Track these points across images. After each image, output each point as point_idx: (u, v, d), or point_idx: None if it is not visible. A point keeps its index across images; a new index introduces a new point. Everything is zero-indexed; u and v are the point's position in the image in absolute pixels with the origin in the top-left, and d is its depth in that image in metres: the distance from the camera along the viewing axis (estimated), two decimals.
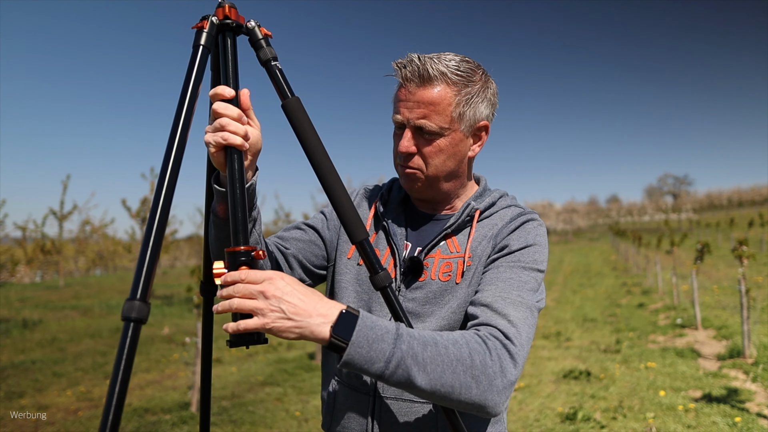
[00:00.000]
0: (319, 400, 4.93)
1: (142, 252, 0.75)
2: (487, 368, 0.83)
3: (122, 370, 0.69)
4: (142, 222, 14.02)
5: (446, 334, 0.86)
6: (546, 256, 1.05)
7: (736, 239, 6.31)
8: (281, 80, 0.94)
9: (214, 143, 0.89)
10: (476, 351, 0.84)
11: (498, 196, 1.14)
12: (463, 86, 1.03)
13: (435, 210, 1.15)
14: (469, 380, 0.81)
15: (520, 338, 0.89)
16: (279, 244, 1.17)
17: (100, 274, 28.31)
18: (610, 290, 12.45)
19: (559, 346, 6.83)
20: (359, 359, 0.79)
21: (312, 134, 0.93)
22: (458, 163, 1.08)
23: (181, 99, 0.85)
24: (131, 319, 0.71)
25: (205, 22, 0.91)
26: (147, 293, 0.73)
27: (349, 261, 1.15)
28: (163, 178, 0.80)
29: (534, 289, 0.99)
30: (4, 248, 17.61)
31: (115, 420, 0.66)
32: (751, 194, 73.22)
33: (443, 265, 1.06)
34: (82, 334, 8.87)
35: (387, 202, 1.20)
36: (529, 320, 0.94)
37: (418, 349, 0.81)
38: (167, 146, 0.82)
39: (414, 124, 1.03)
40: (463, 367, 0.82)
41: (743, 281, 5.56)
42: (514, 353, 0.87)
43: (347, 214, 0.92)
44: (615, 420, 4.04)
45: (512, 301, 0.94)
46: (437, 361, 0.81)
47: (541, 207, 66.73)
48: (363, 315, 0.81)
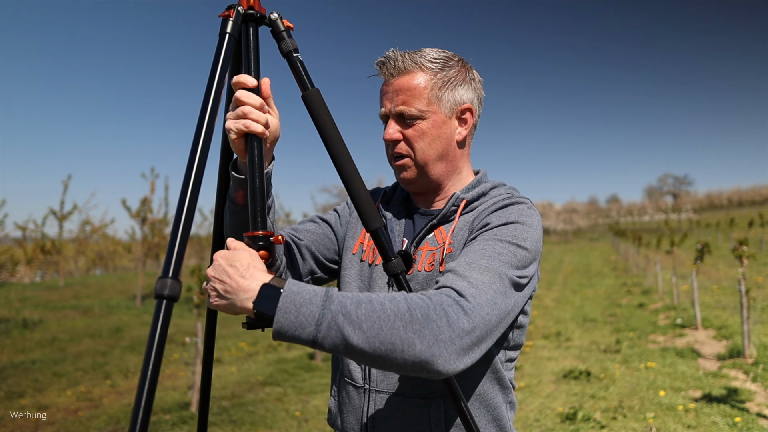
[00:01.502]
0: (318, 400, 4.94)
1: (173, 231, 0.76)
2: (430, 321, 0.76)
3: (155, 348, 0.69)
4: (142, 222, 14.00)
5: (384, 293, 0.81)
6: (534, 237, 0.98)
7: (736, 239, 6.31)
8: (302, 72, 0.97)
9: (235, 130, 0.91)
10: (417, 305, 0.78)
11: (490, 187, 1.13)
12: (438, 70, 1.08)
13: (430, 204, 1.17)
14: (411, 335, 0.75)
15: (478, 298, 0.82)
16: (292, 235, 1.20)
17: (100, 274, 28.30)
18: (610, 290, 12.45)
19: (559, 346, 6.83)
20: (288, 326, 0.75)
21: (331, 125, 0.95)
22: (445, 146, 1.10)
23: (208, 86, 0.86)
24: (164, 296, 0.72)
25: (232, 11, 0.93)
26: (179, 271, 0.74)
27: (353, 256, 1.18)
28: (193, 158, 0.81)
29: (511, 262, 0.91)
30: (4, 248, 17.61)
31: (149, 398, 0.67)
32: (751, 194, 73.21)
33: (429, 256, 1.07)
34: (82, 334, 8.87)
35: (390, 200, 1.23)
36: (496, 285, 0.86)
37: (351, 307, 0.76)
38: (196, 128, 0.84)
39: (395, 111, 1.08)
40: (402, 322, 0.76)
41: (743, 281, 5.56)
42: (466, 307, 0.79)
43: (364, 203, 0.93)
44: (615, 420, 4.04)
45: (478, 266, 0.88)
46: (372, 318, 0.76)
47: (541, 207, 66.73)
48: (289, 282, 0.79)
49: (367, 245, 1.16)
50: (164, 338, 0.71)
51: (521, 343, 1.12)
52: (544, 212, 64.06)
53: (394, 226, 1.16)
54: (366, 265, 1.15)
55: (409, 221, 1.17)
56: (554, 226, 61.82)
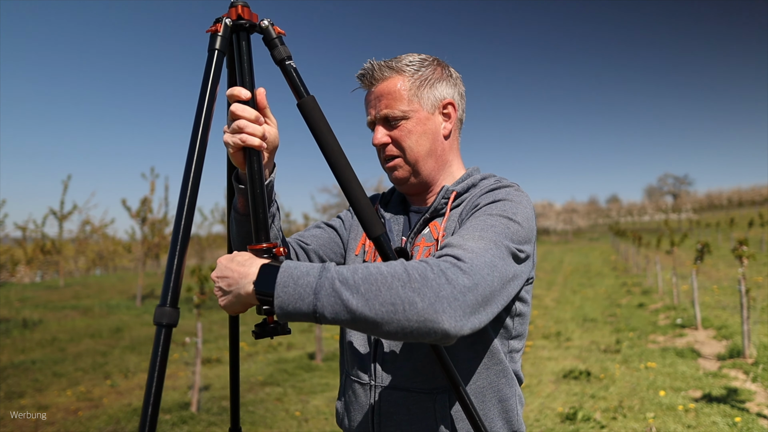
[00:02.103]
0: (318, 400, 4.95)
1: (170, 259, 0.79)
2: (428, 280, 0.75)
3: (157, 372, 0.74)
4: (142, 222, 14.00)
5: (380, 262, 0.82)
6: (524, 213, 0.97)
7: (736, 239, 6.31)
8: (296, 79, 0.96)
9: (232, 144, 0.92)
10: (413, 267, 0.77)
11: (480, 178, 1.14)
12: (415, 71, 1.11)
13: (425, 202, 1.19)
14: (411, 294, 0.74)
15: (476, 260, 0.80)
16: (299, 241, 1.23)
17: (100, 274, 28.31)
18: (610, 290, 12.45)
19: (559, 346, 6.83)
20: (288, 299, 0.76)
21: (328, 132, 0.95)
22: (432, 141, 1.12)
23: (199, 103, 0.87)
24: (163, 324, 0.76)
25: (219, 26, 0.92)
26: (177, 299, 0.78)
27: (356, 257, 1.20)
28: (187, 182, 0.82)
29: (504, 233, 0.90)
30: (4, 248, 17.60)
31: (153, 419, 0.72)
32: (751, 194, 73.15)
33: (427, 252, 1.08)
34: (82, 334, 8.87)
35: (389, 202, 1.27)
36: (493, 251, 0.85)
37: (347, 274, 0.76)
38: (189, 150, 0.84)
39: (380, 116, 1.11)
40: (400, 282, 0.74)
41: (743, 281, 5.56)
42: (464, 267, 0.78)
43: (364, 210, 0.93)
44: (615, 420, 4.04)
45: (472, 236, 0.87)
46: (370, 281, 0.75)
47: (541, 207, 66.72)
48: (287, 261, 0.81)
49: (369, 246, 1.18)
50: (165, 362, 0.75)
51: (523, 333, 1.11)
52: (544, 212, 64.03)
53: (392, 225, 1.19)
54: None
55: (406, 219, 1.19)
56: (554, 226, 61.78)
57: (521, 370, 1.14)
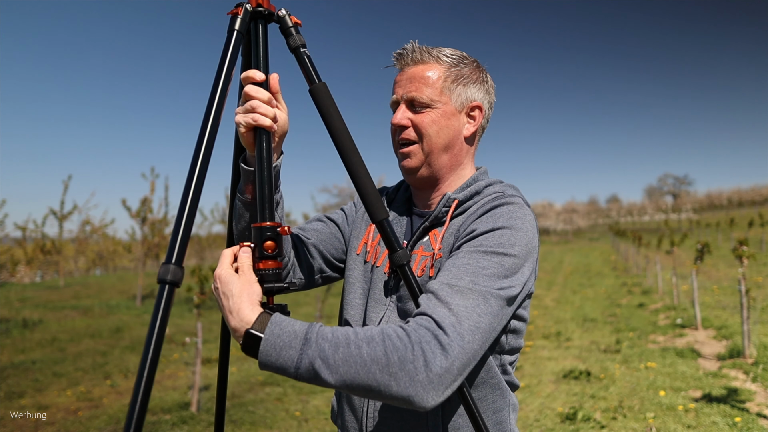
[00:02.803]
0: (318, 400, 4.95)
1: (177, 218, 0.79)
2: (405, 364, 0.77)
3: (157, 331, 0.71)
4: (142, 222, 13.99)
5: (364, 331, 0.82)
6: (523, 240, 0.96)
7: (736, 239, 6.31)
8: (309, 66, 0.99)
9: (244, 123, 0.93)
10: (394, 347, 0.79)
11: (485, 185, 1.11)
12: (453, 65, 1.10)
13: (427, 204, 1.16)
14: (387, 378, 0.77)
15: (460, 327, 0.81)
16: (301, 233, 1.21)
17: (100, 274, 28.30)
18: (610, 290, 12.45)
19: (559, 346, 6.83)
20: (270, 366, 0.80)
21: (337, 118, 0.97)
22: (452, 138, 1.10)
23: (215, 80, 0.89)
24: (166, 281, 0.74)
25: (240, 9, 0.95)
26: (182, 258, 0.76)
27: (357, 257, 1.19)
28: (200, 146, 0.83)
29: (496, 273, 0.90)
30: (4, 248, 17.61)
31: (149, 382, 0.68)
32: (751, 194, 73.10)
33: (423, 262, 1.07)
34: (82, 334, 8.87)
35: (393, 201, 1.23)
36: (481, 308, 0.85)
37: (329, 351, 0.79)
38: (203, 119, 0.86)
39: (406, 97, 1.09)
40: (378, 366, 0.78)
41: (743, 281, 5.56)
42: (445, 343, 0.79)
43: (369, 194, 0.94)
44: (615, 420, 4.04)
45: (460, 288, 0.87)
46: (349, 363, 0.78)
47: (541, 207, 66.70)
48: (271, 324, 0.81)
49: (371, 246, 1.16)
50: (165, 322, 0.73)
51: (518, 346, 1.10)
52: (544, 212, 64.00)
53: (395, 227, 1.16)
54: (369, 267, 1.16)
55: (409, 221, 1.17)
56: (554, 226, 61.77)
57: (515, 377, 1.13)
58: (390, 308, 1.09)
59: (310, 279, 1.21)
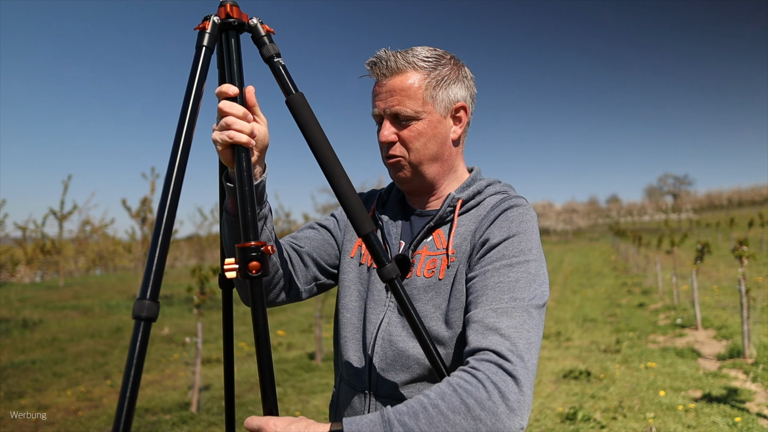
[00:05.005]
0: (318, 400, 4.95)
1: (150, 252, 0.77)
2: (485, 404, 0.79)
3: (134, 368, 0.70)
4: (142, 222, 13.99)
5: (433, 391, 0.82)
6: (535, 242, 0.99)
7: (736, 239, 6.31)
8: (284, 76, 0.96)
9: (220, 141, 0.91)
10: (468, 392, 0.80)
11: (485, 185, 1.12)
12: (432, 69, 1.06)
13: (426, 205, 1.15)
14: (473, 423, 0.78)
15: (517, 349, 0.84)
16: (293, 243, 1.19)
17: (100, 274, 28.31)
18: (610, 290, 12.46)
19: (559, 346, 6.83)
20: None
21: (317, 129, 0.94)
22: (440, 146, 1.09)
23: (185, 100, 0.86)
24: (142, 317, 0.73)
25: (207, 23, 0.92)
26: (157, 292, 0.75)
27: (351, 260, 1.17)
28: (170, 178, 0.81)
29: (528, 282, 0.93)
30: (4, 248, 17.62)
31: (128, 416, 0.68)
32: (751, 194, 73.11)
33: (429, 261, 1.06)
34: (82, 334, 8.87)
35: (386, 202, 1.22)
36: (528, 323, 0.89)
37: (411, 423, 0.78)
38: (173, 147, 0.83)
39: (390, 112, 1.06)
40: (461, 416, 0.79)
41: (743, 281, 5.56)
42: (511, 371, 0.82)
43: (353, 208, 0.92)
44: (615, 420, 4.04)
45: (504, 309, 0.89)
46: (434, 424, 0.78)
47: (541, 207, 66.68)
48: (347, 423, 0.80)
49: (366, 248, 1.16)
50: (143, 358, 0.72)
51: None
52: (544, 212, 63.98)
53: (391, 228, 1.15)
54: (365, 268, 1.14)
55: (406, 223, 1.16)
56: (554, 226, 61.78)
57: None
58: (390, 308, 1.08)
59: (306, 288, 1.19)
